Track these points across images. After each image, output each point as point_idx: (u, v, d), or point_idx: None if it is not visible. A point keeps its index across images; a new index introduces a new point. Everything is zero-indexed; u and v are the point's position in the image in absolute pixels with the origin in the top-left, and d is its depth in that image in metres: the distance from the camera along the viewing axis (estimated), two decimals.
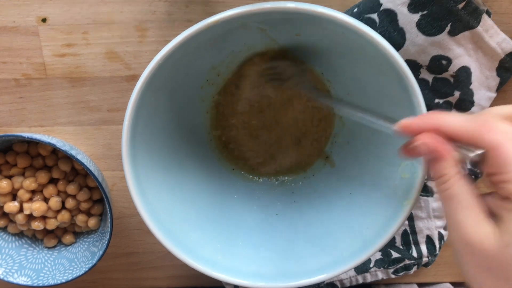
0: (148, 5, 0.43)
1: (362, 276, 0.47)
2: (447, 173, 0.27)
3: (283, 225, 0.42)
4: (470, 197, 0.27)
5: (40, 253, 0.47)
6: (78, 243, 0.48)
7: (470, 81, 0.42)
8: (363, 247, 0.35)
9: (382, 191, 0.37)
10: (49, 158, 0.45)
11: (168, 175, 0.39)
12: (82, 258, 0.46)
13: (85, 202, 0.45)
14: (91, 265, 0.43)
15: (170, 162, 0.40)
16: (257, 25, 0.35)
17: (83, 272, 0.44)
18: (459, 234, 0.27)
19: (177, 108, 0.40)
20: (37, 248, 0.48)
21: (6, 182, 0.44)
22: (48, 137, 0.42)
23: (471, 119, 0.27)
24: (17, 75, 0.45)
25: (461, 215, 0.27)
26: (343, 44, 0.35)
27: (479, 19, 0.40)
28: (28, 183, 0.44)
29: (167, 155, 0.39)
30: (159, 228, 0.35)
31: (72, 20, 0.43)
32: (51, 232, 0.48)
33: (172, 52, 0.32)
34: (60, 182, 0.45)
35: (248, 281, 0.35)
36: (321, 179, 0.45)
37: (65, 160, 0.44)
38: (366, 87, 0.39)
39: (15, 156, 0.44)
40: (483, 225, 0.26)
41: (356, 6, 0.41)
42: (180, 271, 0.50)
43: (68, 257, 0.47)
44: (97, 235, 0.47)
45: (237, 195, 0.44)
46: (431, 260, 0.45)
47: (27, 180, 0.44)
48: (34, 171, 0.45)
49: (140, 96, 0.33)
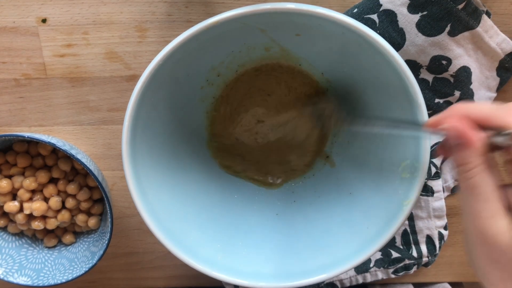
0: (148, 5, 0.43)
1: (362, 276, 0.47)
2: (471, 161, 0.27)
3: (283, 225, 0.42)
4: (491, 189, 0.26)
5: (40, 253, 0.47)
6: (78, 243, 0.48)
7: (470, 81, 0.42)
8: (363, 247, 0.35)
9: (382, 191, 0.37)
10: (49, 157, 0.45)
11: (168, 175, 0.39)
12: (82, 258, 0.46)
13: (85, 201, 0.45)
14: (91, 265, 0.43)
15: (170, 162, 0.40)
16: (257, 25, 0.35)
17: (83, 272, 0.44)
18: (474, 225, 0.27)
19: (177, 108, 0.40)
20: (37, 248, 0.48)
21: (6, 181, 0.44)
22: (48, 137, 0.42)
23: (498, 105, 0.27)
24: (17, 75, 0.45)
25: (480, 207, 0.26)
26: (343, 45, 0.35)
27: (478, 20, 0.40)
28: (28, 183, 0.44)
29: (167, 155, 0.39)
30: (159, 228, 0.35)
31: (72, 21, 0.43)
32: (51, 232, 0.48)
33: (172, 53, 0.32)
34: (60, 182, 0.45)
35: (248, 281, 0.35)
36: (321, 179, 0.45)
37: (65, 159, 0.44)
38: (366, 88, 0.39)
39: (15, 155, 0.44)
40: (500, 219, 0.26)
41: (356, 6, 0.41)
42: (180, 271, 0.50)
43: (68, 257, 0.47)
44: (97, 235, 0.47)
45: (237, 195, 0.44)
46: (431, 260, 0.45)
47: (27, 180, 0.44)
48: (34, 170, 0.45)
49: (140, 96, 0.33)
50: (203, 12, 0.43)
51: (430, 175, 0.44)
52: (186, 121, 0.42)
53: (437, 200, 0.45)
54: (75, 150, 0.43)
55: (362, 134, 0.41)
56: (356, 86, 0.40)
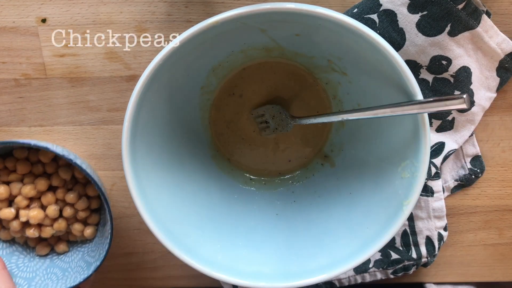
0: (148, 5, 0.43)
1: (361, 276, 0.47)
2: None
3: (283, 225, 0.42)
4: None
5: (31, 261, 0.45)
6: (71, 252, 0.46)
7: (470, 81, 0.42)
8: (363, 247, 0.35)
9: (382, 191, 0.37)
10: (49, 165, 0.44)
11: (168, 175, 0.39)
12: (77, 268, 0.44)
13: (83, 211, 0.44)
14: (87, 276, 0.41)
15: (170, 162, 0.40)
16: (257, 25, 0.35)
17: (78, 283, 0.42)
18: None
19: (177, 108, 0.40)
20: (28, 256, 0.46)
21: (4, 188, 0.43)
22: (53, 146, 0.40)
23: None
24: (16, 75, 0.45)
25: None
26: (343, 45, 0.35)
27: (478, 20, 0.40)
28: (27, 190, 0.43)
29: (167, 155, 0.39)
30: (159, 228, 0.35)
31: (71, 21, 0.43)
32: (44, 240, 0.47)
33: (172, 53, 0.32)
34: (59, 190, 0.43)
35: (248, 281, 0.35)
36: (321, 179, 0.45)
37: (66, 168, 0.43)
38: (365, 87, 0.39)
39: (15, 162, 0.43)
40: None
41: (356, 6, 0.41)
42: (180, 271, 0.50)
43: (61, 266, 0.45)
44: (93, 245, 0.45)
45: (237, 195, 0.44)
46: (430, 260, 0.45)
47: (27, 187, 0.43)
48: (33, 177, 0.44)
49: (140, 96, 0.33)
50: (203, 12, 0.43)
51: (430, 175, 0.44)
52: (186, 121, 0.42)
53: (437, 201, 0.45)
54: (80, 160, 0.41)
55: (362, 134, 0.41)
56: (355, 85, 0.40)
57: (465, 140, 0.44)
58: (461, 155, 0.46)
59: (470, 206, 0.47)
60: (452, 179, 0.46)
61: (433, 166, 0.44)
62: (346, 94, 0.42)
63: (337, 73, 0.40)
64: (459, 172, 0.46)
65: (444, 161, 0.44)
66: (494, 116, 0.45)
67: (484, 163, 0.46)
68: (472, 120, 0.43)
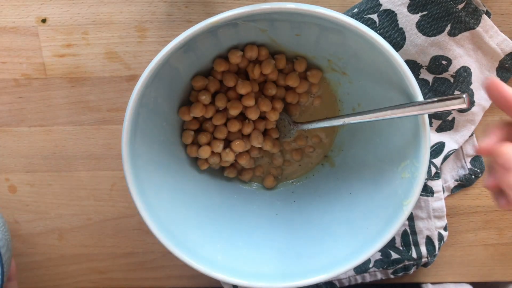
0: (148, 5, 0.43)
1: (361, 276, 0.47)
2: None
3: (283, 225, 0.42)
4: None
5: None
6: None
7: (470, 81, 0.42)
8: (363, 247, 0.35)
9: (382, 191, 0.37)
10: None
11: (168, 175, 0.39)
12: None
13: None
14: None
15: (170, 162, 0.40)
16: (257, 25, 0.35)
17: None
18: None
19: (177, 108, 0.40)
20: None
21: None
22: None
23: None
24: (16, 75, 0.45)
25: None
26: (343, 45, 0.35)
27: (478, 20, 0.40)
28: None
29: (167, 155, 0.39)
30: (159, 228, 0.35)
31: (71, 21, 0.43)
32: None
33: (172, 53, 0.32)
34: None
35: (248, 281, 0.35)
36: (321, 179, 0.45)
37: None
38: (366, 87, 0.39)
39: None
40: None
41: (356, 6, 0.41)
42: (180, 271, 0.50)
43: None
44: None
45: (237, 195, 0.44)
46: (430, 260, 0.45)
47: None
48: None
49: (140, 96, 0.33)
50: (203, 12, 0.43)
51: (430, 175, 0.44)
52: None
53: (437, 200, 0.45)
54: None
55: (362, 134, 0.41)
56: (356, 85, 0.40)
57: (465, 140, 0.44)
58: (461, 155, 0.46)
59: (470, 206, 0.47)
60: (452, 179, 0.46)
61: (433, 166, 0.44)
62: (346, 94, 0.42)
63: (337, 73, 0.40)
64: (459, 172, 0.46)
65: (444, 161, 0.44)
66: (494, 116, 0.45)
67: (484, 163, 0.46)
68: (472, 120, 0.43)
